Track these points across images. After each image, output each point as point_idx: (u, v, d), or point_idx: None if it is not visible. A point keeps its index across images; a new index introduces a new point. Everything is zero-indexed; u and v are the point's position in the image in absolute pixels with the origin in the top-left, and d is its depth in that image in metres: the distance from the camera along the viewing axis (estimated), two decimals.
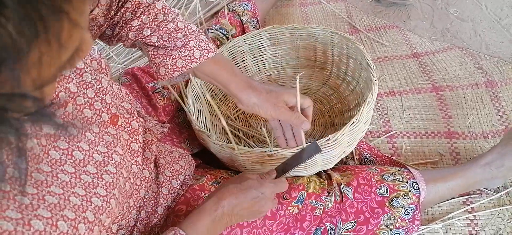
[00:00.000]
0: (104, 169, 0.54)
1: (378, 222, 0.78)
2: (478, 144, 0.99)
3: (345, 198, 0.79)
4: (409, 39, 1.30)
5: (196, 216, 0.63)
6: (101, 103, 0.58)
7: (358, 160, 0.98)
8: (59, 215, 0.45)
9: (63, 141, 0.51)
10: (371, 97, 0.80)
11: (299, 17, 1.45)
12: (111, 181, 0.54)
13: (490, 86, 1.10)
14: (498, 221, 0.85)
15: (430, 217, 0.88)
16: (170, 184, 0.73)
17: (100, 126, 0.57)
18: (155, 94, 0.93)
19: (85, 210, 0.49)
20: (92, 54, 0.60)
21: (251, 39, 1.08)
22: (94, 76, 0.58)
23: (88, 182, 0.51)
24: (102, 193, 0.52)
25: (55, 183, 0.47)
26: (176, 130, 0.95)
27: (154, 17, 0.73)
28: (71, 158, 0.51)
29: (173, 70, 0.73)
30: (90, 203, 0.50)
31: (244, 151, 0.78)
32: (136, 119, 0.63)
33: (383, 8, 1.43)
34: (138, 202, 0.67)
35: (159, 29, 0.72)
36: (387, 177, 0.81)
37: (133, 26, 0.72)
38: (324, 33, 1.03)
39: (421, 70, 1.18)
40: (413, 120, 1.07)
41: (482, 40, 1.25)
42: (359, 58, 0.97)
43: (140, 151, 0.65)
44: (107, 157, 0.55)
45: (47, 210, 0.44)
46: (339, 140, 0.77)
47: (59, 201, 0.46)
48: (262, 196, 0.66)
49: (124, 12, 0.73)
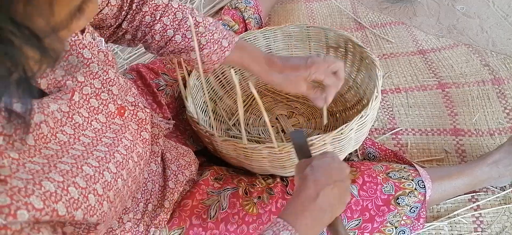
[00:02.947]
0: (115, 149, 0.54)
1: (383, 220, 0.78)
2: (484, 141, 0.98)
3: (350, 196, 0.79)
4: (415, 35, 1.29)
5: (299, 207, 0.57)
6: (108, 94, 0.58)
7: (361, 155, 0.98)
8: (71, 181, 0.45)
9: (70, 127, 0.51)
10: (377, 91, 0.80)
11: (304, 13, 1.45)
12: (121, 160, 0.54)
13: (497, 83, 1.09)
14: (504, 219, 0.85)
15: (435, 214, 0.88)
16: (177, 178, 0.74)
17: (107, 116, 0.57)
18: (160, 91, 0.94)
19: (96, 182, 0.49)
20: (100, 46, 0.60)
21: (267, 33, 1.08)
22: (101, 67, 0.58)
23: (101, 157, 0.51)
24: (113, 169, 0.52)
25: (65, 156, 0.48)
26: (180, 127, 0.95)
27: (173, 16, 0.75)
28: (79, 141, 0.51)
29: (213, 64, 0.78)
30: (101, 176, 0.50)
31: (255, 147, 0.76)
32: (142, 110, 0.63)
33: (389, 4, 1.42)
34: (146, 195, 0.68)
35: (180, 27, 0.75)
36: (392, 175, 0.81)
37: (156, 30, 0.75)
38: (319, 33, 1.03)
39: (427, 67, 1.18)
40: (418, 117, 1.06)
41: (489, 37, 1.24)
42: (359, 55, 0.97)
43: (150, 139, 0.64)
44: (117, 140, 0.56)
45: (59, 175, 0.45)
46: (347, 135, 0.76)
47: (72, 168, 0.47)
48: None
49: (143, 16, 0.74)
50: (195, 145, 0.93)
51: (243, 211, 0.74)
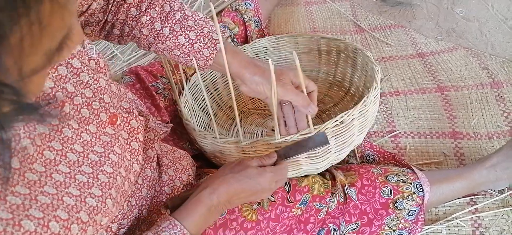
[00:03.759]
0: (100, 169, 0.53)
1: (381, 223, 0.78)
2: (483, 144, 0.98)
3: (349, 200, 0.79)
4: (415, 39, 1.29)
5: (192, 205, 0.63)
6: (100, 103, 0.57)
7: (360, 157, 0.98)
8: (51, 215, 0.45)
9: (58, 142, 0.50)
10: (376, 83, 0.81)
11: (304, 16, 1.45)
12: (107, 181, 0.53)
13: (496, 87, 1.09)
14: (502, 222, 0.85)
15: (434, 217, 0.88)
16: (173, 183, 0.73)
17: (98, 126, 0.56)
18: (158, 94, 0.94)
19: (78, 211, 0.48)
20: (90, 54, 0.59)
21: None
22: (92, 75, 0.57)
23: (83, 182, 0.50)
24: (97, 193, 0.51)
25: (48, 183, 0.47)
26: (178, 130, 0.95)
27: (161, 8, 0.73)
28: (65, 158, 0.50)
29: (206, 61, 0.74)
30: (84, 203, 0.49)
31: (250, 142, 0.76)
32: (135, 118, 0.62)
33: (389, 7, 1.43)
34: (140, 201, 0.67)
35: (168, 20, 0.72)
36: (391, 178, 0.81)
37: (143, 22, 0.72)
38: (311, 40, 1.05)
39: (426, 70, 1.18)
40: (417, 119, 1.06)
41: (488, 40, 1.24)
42: (352, 54, 0.98)
43: (140, 149, 0.64)
44: (103, 157, 0.55)
45: (39, 210, 0.44)
46: (349, 123, 0.76)
47: (52, 201, 0.46)
48: (259, 187, 0.66)
49: (127, 8, 0.72)
50: (192, 149, 0.92)
51: (242, 217, 0.73)
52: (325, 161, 0.81)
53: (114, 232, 0.62)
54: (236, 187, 0.65)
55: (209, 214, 0.63)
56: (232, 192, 0.64)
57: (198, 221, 0.62)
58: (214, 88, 1.09)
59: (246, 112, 1.11)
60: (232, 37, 1.19)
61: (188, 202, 0.64)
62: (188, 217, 0.61)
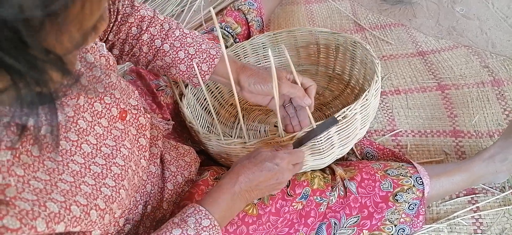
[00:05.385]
0: (113, 161, 0.55)
1: (382, 216, 0.78)
2: (484, 142, 0.98)
3: (349, 193, 0.79)
4: (415, 37, 1.29)
5: (215, 193, 0.64)
6: (111, 98, 0.59)
7: (360, 155, 0.98)
8: (72, 200, 0.47)
9: (74, 133, 0.52)
10: (377, 77, 0.81)
11: (304, 15, 1.45)
12: (119, 172, 0.55)
13: (496, 85, 1.09)
14: (504, 221, 0.85)
15: (435, 216, 0.88)
16: (175, 180, 0.74)
17: (109, 120, 0.58)
18: (159, 92, 0.94)
19: (96, 198, 0.50)
20: (101, 51, 0.61)
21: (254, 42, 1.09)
22: (103, 71, 0.59)
23: (98, 173, 0.52)
24: (111, 183, 0.53)
25: (66, 172, 0.49)
26: (179, 128, 0.95)
27: (160, 27, 0.77)
28: (80, 149, 0.52)
29: (204, 75, 0.78)
30: (100, 192, 0.51)
31: (256, 142, 0.77)
32: (143, 115, 0.64)
33: (389, 6, 1.43)
34: (145, 196, 0.68)
35: (168, 37, 0.76)
36: (390, 172, 0.81)
37: (144, 40, 0.76)
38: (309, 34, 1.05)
39: (427, 69, 1.18)
40: (418, 118, 1.06)
41: (488, 38, 1.24)
42: (350, 47, 0.98)
43: (147, 146, 0.66)
44: (115, 150, 0.57)
45: (60, 195, 0.46)
46: (352, 117, 0.77)
47: (71, 188, 0.48)
48: (278, 168, 0.66)
49: (129, 27, 0.75)
50: (193, 146, 0.93)
51: (243, 211, 0.74)
52: (329, 156, 0.82)
53: (121, 227, 0.63)
54: (254, 170, 0.65)
55: (232, 202, 0.64)
56: (251, 177, 0.65)
57: (223, 207, 0.62)
58: (215, 87, 1.09)
59: (247, 109, 1.11)
60: (234, 37, 1.19)
61: (212, 190, 0.65)
62: (213, 203, 0.62)
